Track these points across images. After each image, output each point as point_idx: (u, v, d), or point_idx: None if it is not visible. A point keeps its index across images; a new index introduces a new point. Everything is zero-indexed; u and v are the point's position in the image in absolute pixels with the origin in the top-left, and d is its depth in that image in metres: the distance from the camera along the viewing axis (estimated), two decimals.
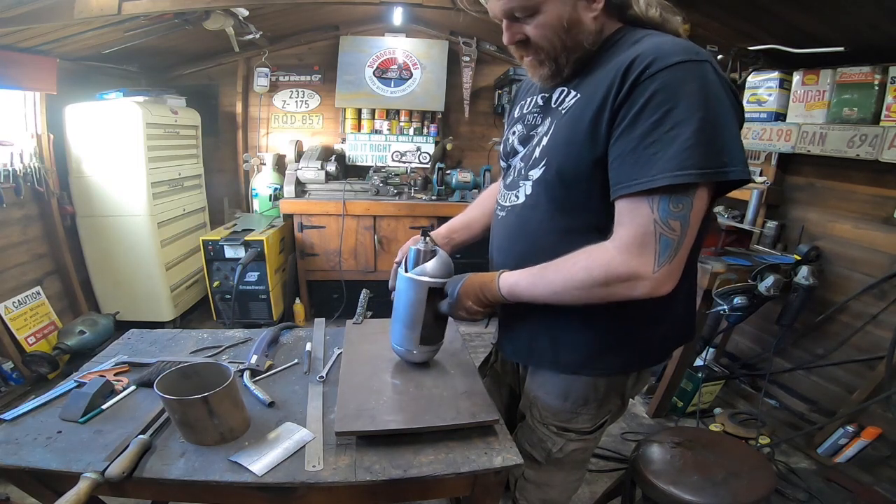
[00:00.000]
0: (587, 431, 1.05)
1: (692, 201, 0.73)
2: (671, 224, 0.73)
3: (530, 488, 1.12)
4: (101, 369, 1.17)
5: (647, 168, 0.72)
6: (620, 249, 0.76)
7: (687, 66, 0.71)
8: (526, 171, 0.94)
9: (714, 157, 0.71)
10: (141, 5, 2.10)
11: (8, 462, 0.85)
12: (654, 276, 0.75)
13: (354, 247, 3.33)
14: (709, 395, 2.46)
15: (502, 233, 1.02)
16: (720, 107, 0.72)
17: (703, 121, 0.70)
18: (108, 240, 2.94)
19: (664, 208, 0.72)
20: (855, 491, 1.88)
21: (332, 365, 1.20)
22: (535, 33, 0.82)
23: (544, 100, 0.95)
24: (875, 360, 1.98)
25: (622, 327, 0.93)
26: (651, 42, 0.77)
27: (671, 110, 0.70)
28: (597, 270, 0.78)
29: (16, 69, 2.38)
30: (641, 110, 0.72)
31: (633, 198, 0.74)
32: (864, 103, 1.90)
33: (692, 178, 0.70)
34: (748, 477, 1.23)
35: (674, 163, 0.70)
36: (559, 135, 0.86)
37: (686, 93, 0.70)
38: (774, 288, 1.98)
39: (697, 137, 0.69)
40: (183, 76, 3.70)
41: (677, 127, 0.70)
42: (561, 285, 0.83)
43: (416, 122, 3.78)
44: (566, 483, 1.15)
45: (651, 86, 0.71)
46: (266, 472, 0.83)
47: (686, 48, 0.73)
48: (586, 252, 0.81)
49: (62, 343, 2.57)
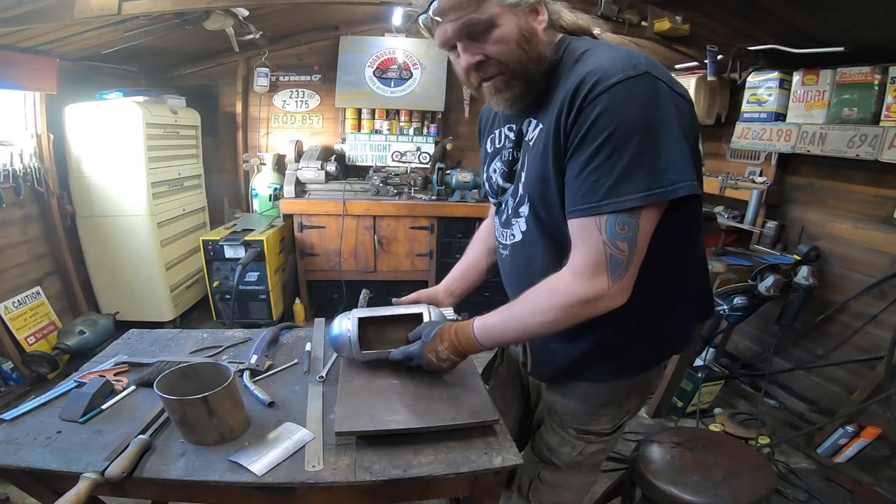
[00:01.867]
0: (607, 433, 1.06)
1: (638, 223, 0.75)
2: (619, 245, 0.75)
3: (545, 490, 1.13)
4: (101, 369, 1.17)
5: (591, 194, 0.75)
6: (576, 275, 0.80)
7: (625, 84, 0.72)
8: (516, 209, 0.95)
9: (657, 177, 0.72)
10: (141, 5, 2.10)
11: (8, 462, 0.85)
12: (610, 293, 0.78)
13: (354, 247, 3.33)
14: (709, 395, 2.46)
15: (510, 271, 1.04)
16: (660, 123, 0.73)
17: (643, 142, 0.71)
18: (108, 240, 2.94)
19: (611, 231, 0.75)
20: (855, 491, 1.88)
21: (331, 365, 1.20)
22: (497, 49, 0.80)
23: (516, 133, 0.94)
24: (875, 360, 1.98)
25: (639, 336, 0.94)
26: (591, 60, 0.77)
27: (611, 135, 0.72)
28: (558, 298, 0.81)
29: (16, 69, 2.38)
30: (586, 135, 0.74)
31: (583, 220, 0.77)
32: (864, 103, 1.90)
33: (634, 202, 0.73)
34: (748, 477, 1.23)
35: (615, 189, 0.73)
36: (532, 170, 0.87)
37: (625, 114, 0.71)
38: (774, 288, 1.98)
39: (638, 161, 0.72)
40: (183, 76, 3.70)
41: (617, 152, 0.72)
42: (529, 317, 0.86)
43: (416, 122, 3.78)
44: (582, 486, 1.16)
45: (594, 110, 0.73)
46: (266, 472, 0.83)
47: (624, 64, 0.73)
48: (546, 283, 0.84)
49: (62, 343, 2.57)
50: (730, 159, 2.82)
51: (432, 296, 1.20)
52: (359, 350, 1.07)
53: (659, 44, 2.39)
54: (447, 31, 0.80)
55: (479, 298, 1.25)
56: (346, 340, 1.07)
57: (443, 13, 0.78)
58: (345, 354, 1.12)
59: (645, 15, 2.29)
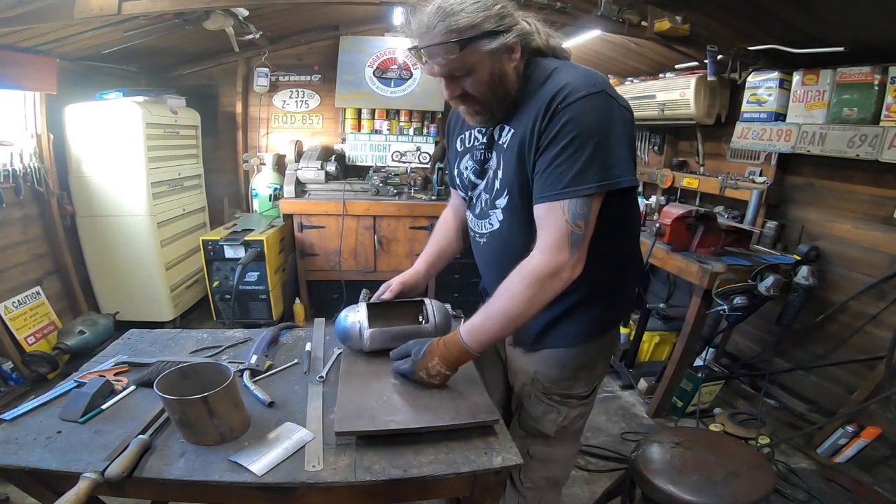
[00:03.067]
0: (585, 396, 1.20)
1: (592, 205, 0.93)
2: (578, 223, 0.93)
3: (536, 466, 1.24)
4: (101, 369, 1.17)
5: (557, 183, 0.92)
6: (544, 251, 0.95)
7: (589, 98, 0.90)
8: (492, 202, 1.09)
9: (608, 171, 0.91)
10: (141, 5, 2.10)
11: (8, 462, 0.85)
12: (570, 263, 0.94)
13: (354, 247, 3.33)
14: (709, 395, 2.46)
15: (489, 255, 1.17)
16: (611, 131, 0.91)
17: (598, 144, 0.90)
18: (108, 240, 2.94)
19: (573, 211, 0.92)
20: (855, 491, 1.88)
21: (331, 365, 1.20)
22: (473, 89, 0.97)
23: (486, 136, 1.09)
24: (875, 360, 1.98)
25: (596, 301, 1.11)
26: (561, 76, 0.94)
27: (575, 137, 0.90)
28: (530, 277, 0.95)
29: (16, 69, 2.38)
30: (556, 136, 0.91)
31: (549, 204, 0.94)
32: (864, 103, 1.90)
33: (590, 190, 0.91)
34: (748, 477, 1.23)
35: (576, 179, 0.91)
36: (510, 167, 1.02)
37: (586, 122, 0.90)
38: (774, 288, 1.98)
39: (593, 158, 0.90)
40: (183, 76, 3.70)
41: (578, 151, 0.90)
42: (510, 305, 0.97)
43: (416, 122, 3.78)
44: (567, 458, 1.31)
45: (564, 116, 0.90)
46: (266, 472, 0.83)
47: (587, 82, 0.91)
48: (518, 271, 0.97)
49: (62, 343, 2.57)
50: (730, 159, 2.81)
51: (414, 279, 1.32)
52: (368, 340, 1.14)
53: (659, 44, 2.39)
54: (433, 68, 0.96)
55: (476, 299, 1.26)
56: (355, 331, 1.15)
57: (430, 56, 0.94)
58: (353, 345, 1.17)
59: (645, 15, 2.29)
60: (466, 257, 1.37)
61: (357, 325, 1.15)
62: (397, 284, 1.29)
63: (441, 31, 0.90)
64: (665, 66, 2.95)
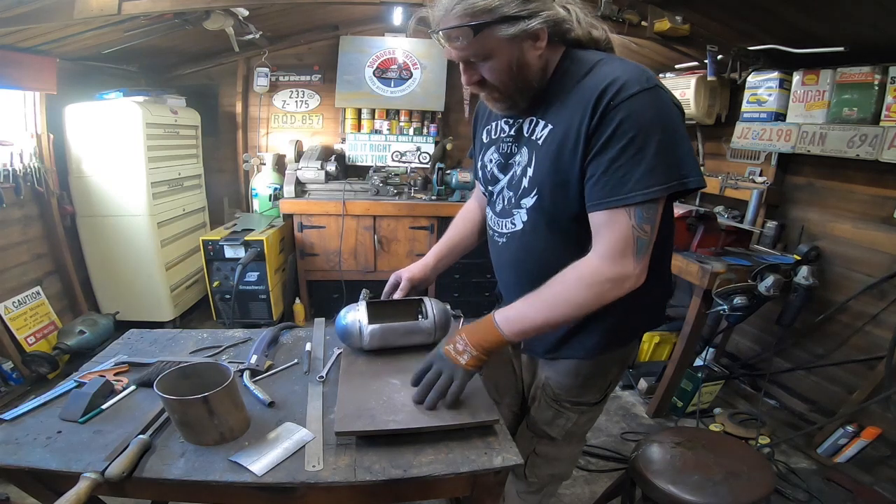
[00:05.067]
0: (596, 402, 1.18)
1: (658, 208, 0.88)
2: (644, 228, 0.87)
3: (541, 464, 1.24)
4: (101, 369, 1.17)
5: (619, 187, 0.85)
6: (605, 258, 0.88)
7: (643, 95, 0.83)
8: (517, 200, 1.02)
9: (673, 172, 0.85)
10: (141, 5, 2.10)
11: (8, 462, 0.85)
12: (636, 272, 0.89)
13: (354, 247, 3.33)
14: (709, 395, 2.46)
15: (508, 257, 1.10)
16: (672, 126, 0.85)
17: (661, 143, 0.83)
18: (108, 240, 2.94)
19: (640, 216, 0.86)
20: (855, 491, 1.88)
21: (331, 365, 1.20)
22: (489, 76, 0.91)
23: (514, 129, 1.02)
24: (875, 360, 1.98)
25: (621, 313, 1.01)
26: (608, 72, 0.87)
27: (635, 137, 0.83)
28: (591, 281, 0.89)
29: (16, 69, 2.37)
30: (611, 137, 0.84)
31: (612, 211, 0.87)
32: (864, 103, 1.90)
33: (657, 192, 0.85)
34: (748, 477, 1.23)
35: (642, 182, 0.84)
36: (544, 165, 0.95)
37: (645, 120, 0.83)
38: (774, 288, 1.98)
39: (658, 159, 0.83)
40: (183, 76, 3.70)
41: (641, 151, 0.83)
42: (561, 303, 0.92)
43: (416, 122, 3.78)
44: (572, 456, 1.31)
45: (617, 116, 0.83)
46: (266, 472, 0.83)
47: (639, 77, 0.85)
48: (574, 270, 0.91)
49: (62, 343, 2.57)
50: (730, 159, 2.81)
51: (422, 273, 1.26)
52: (367, 337, 1.13)
53: (659, 44, 2.39)
54: (451, 52, 0.91)
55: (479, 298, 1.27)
56: (355, 329, 1.13)
57: (449, 39, 0.89)
58: (353, 344, 1.16)
59: (645, 15, 2.29)
60: (469, 257, 1.36)
61: (356, 323, 1.14)
62: (405, 280, 1.24)
63: (458, 13, 0.85)
64: (665, 66, 2.95)
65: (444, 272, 1.35)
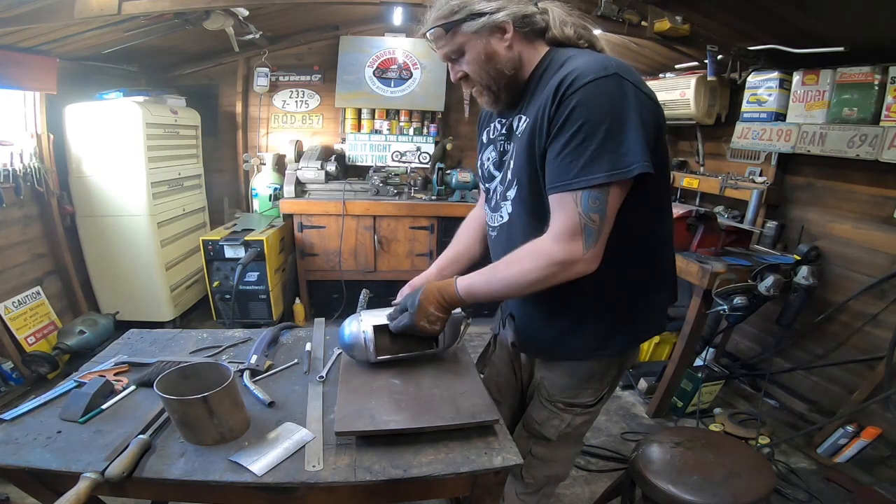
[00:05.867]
0: (591, 405, 1.17)
1: (606, 198, 0.88)
2: (592, 216, 0.88)
3: (537, 465, 1.23)
4: (101, 369, 1.17)
5: (566, 172, 0.88)
6: (556, 239, 0.91)
7: (597, 83, 0.85)
8: (504, 193, 1.07)
9: (618, 159, 0.85)
10: (141, 5, 2.10)
11: (8, 462, 0.85)
12: (585, 257, 0.90)
13: (354, 247, 3.33)
14: (709, 395, 2.46)
15: (499, 249, 1.12)
16: (623, 115, 0.86)
17: (608, 130, 0.85)
18: (108, 240, 2.93)
19: (585, 203, 0.88)
20: (855, 491, 1.88)
21: (331, 365, 1.20)
22: (468, 69, 1.00)
23: (506, 127, 1.08)
24: (875, 360, 1.98)
25: (620, 316, 1.06)
26: (571, 64, 0.91)
27: (584, 124, 0.85)
28: (541, 260, 0.92)
29: (16, 69, 2.37)
30: (564, 123, 0.88)
31: (561, 195, 0.90)
32: (864, 103, 1.90)
33: (600, 179, 0.86)
34: (748, 477, 1.23)
35: (585, 169, 0.86)
36: (520, 156, 0.99)
37: (594, 107, 0.85)
38: (774, 288, 1.98)
39: (604, 146, 0.85)
40: (183, 76, 3.70)
41: (588, 139, 0.86)
42: (514, 279, 0.96)
43: (416, 122, 3.78)
44: (568, 457, 1.30)
45: (571, 102, 0.86)
46: (266, 472, 0.83)
47: (597, 66, 0.87)
48: (528, 247, 0.95)
49: (62, 343, 2.57)
50: (730, 159, 2.81)
51: (425, 282, 1.21)
52: (374, 355, 1.10)
53: (659, 44, 2.39)
54: (438, 54, 1.02)
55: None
56: (361, 344, 1.10)
57: (433, 41, 1.00)
58: (359, 357, 1.13)
59: (645, 15, 2.29)
60: None
61: (361, 335, 1.10)
62: (406, 287, 1.23)
63: (435, 17, 0.97)
64: (665, 66, 2.95)
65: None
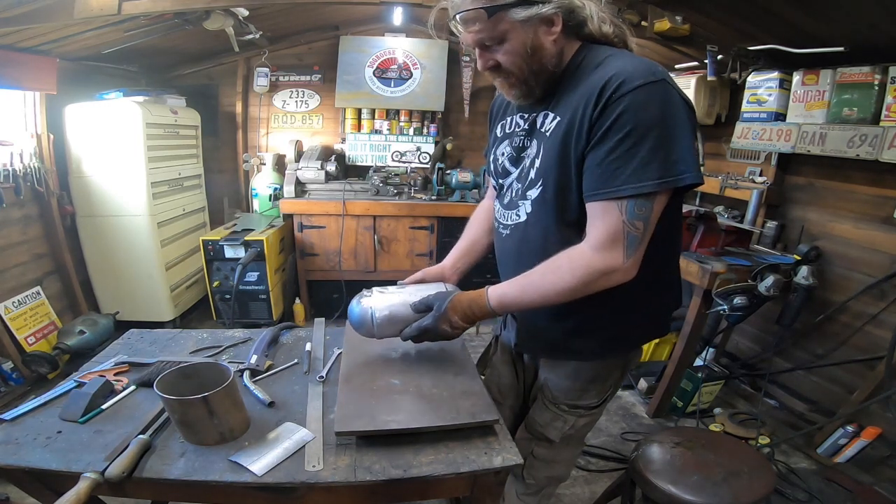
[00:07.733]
0: (594, 406, 1.16)
1: (652, 205, 0.86)
2: (636, 224, 0.86)
3: (539, 466, 1.22)
4: (101, 369, 1.17)
5: (612, 179, 0.85)
6: (596, 248, 0.89)
7: (647, 88, 0.83)
8: (523, 192, 1.03)
9: (669, 167, 0.84)
10: (141, 5, 2.10)
11: (8, 462, 0.85)
12: (625, 266, 0.88)
13: (354, 247, 3.33)
14: (709, 395, 2.45)
15: (511, 249, 1.09)
16: (674, 121, 0.84)
17: (659, 138, 0.83)
18: (108, 240, 2.93)
19: (631, 211, 0.86)
20: (855, 491, 1.88)
21: (331, 365, 1.20)
22: (504, 59, 0.92)
23: (528, 122, 1.03)
24: (875, 360, 1.98)
25: (624, 318, 1.05)
26: (615, 65, 0.87)
27: (632, 130, 0.83)
28: (580, 270, 0.90)
29: (16, 69, 2.37)
30: (609, 128, 0.84)
31: (604, 202, 0.87)
32: (864, 103, 1.90)
33: (650, 188, 0.84)
34: (748, 477, 1.23)
35: (634, 176, 0.84)
36: (549, 155, 0.95)
37: (645, 113, 0.83)
38: (774, 288, 1.98)
39: (653, 154, 0.83)
40: (183, 76, 3.70)
41: (637, 145, 0.83)
42: (550, 289, 0.93)
43: (416, 122, 3.78)
44: (570, 458, 1.30)
45: (618, 107, 0.83)
46: (266, 472, 0.83)
47: (645, 71, 0.85)
48: (566, 256, 0.92)
49: (62, 343, 2.57)
50: (730, 159, 2.81)
51: (439, 273, 1.24)
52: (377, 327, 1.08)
53: (659, 44, 2.39)
54: (467, 38, 0.92)
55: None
56: (368, 318, 1.09)
57: (465, 23, 0.90)
58: (365, 332, 1.12)
59: (645, 15, 2.29)
60: None
61: (368, 310, 1.09)
62: (420, 273, 1.24)
63: None
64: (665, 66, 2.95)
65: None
